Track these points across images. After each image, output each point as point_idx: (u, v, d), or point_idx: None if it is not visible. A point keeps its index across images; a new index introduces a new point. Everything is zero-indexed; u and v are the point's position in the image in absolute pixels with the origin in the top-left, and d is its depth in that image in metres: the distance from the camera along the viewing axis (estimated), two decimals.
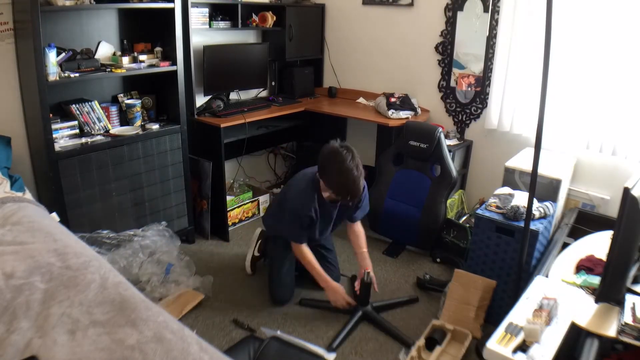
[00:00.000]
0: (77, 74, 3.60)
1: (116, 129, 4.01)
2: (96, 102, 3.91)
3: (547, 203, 3.67)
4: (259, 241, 4.33)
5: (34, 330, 1.93)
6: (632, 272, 2.51)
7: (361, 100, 5.54)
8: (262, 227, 4.28)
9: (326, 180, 3.50)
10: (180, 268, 3.95)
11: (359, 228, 3.98)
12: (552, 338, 2.24)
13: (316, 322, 3.70)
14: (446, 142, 4.57)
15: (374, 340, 3.52)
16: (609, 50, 3.91)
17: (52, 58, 3.41)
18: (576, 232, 3.62)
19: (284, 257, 3.92)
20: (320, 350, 3.28)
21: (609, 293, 2.44)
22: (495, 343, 2.22)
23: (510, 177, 4.07)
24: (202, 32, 4.76)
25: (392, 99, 4.92)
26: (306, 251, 3.74)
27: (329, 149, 3.48)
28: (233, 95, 5.31)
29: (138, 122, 4.13)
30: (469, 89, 4.84)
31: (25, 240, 2.56)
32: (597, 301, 2.49)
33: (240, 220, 5.17)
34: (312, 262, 3.73)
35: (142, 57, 4.01)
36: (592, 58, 4.02)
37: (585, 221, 3.79)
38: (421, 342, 3.33)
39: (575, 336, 2.46)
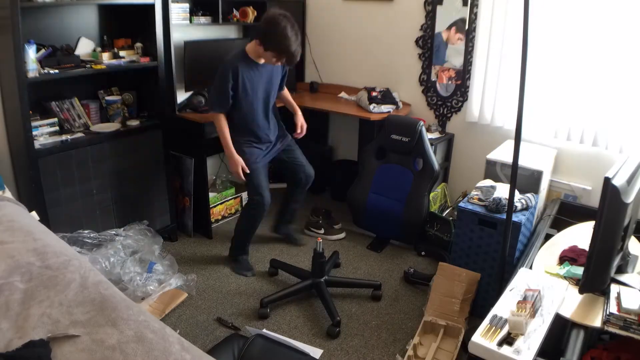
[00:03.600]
0: (56, 71, 3.56)
1: (96, 126, 3.98)
2: (76, 98, 3.88)
3: (529, 195, 3.68)
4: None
5: (14, 330, 1.90)
6: (616, 262, 2.51)
7: (343, 94, 5.53)
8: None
9: (270, 45, 3.76)
10: (162, 267, 3.91)
11: (286, 93, 4.46)
12: (538, 330, 2.24)
13: (300, 320, 3.69)
14: (428, 136, 4.58)
15: (359, 336, 3.52)
16: (588, 41, 3.94)
17: (32, 54, 3.37)
18: (559, 223, 3.63)
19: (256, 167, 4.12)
20: (305, 348, 3.27)
21: (593, 283, 2.45)
22: (480, 336, 2.22)
23: (492, 170, 4.08)
24: (183, 27, 4.71)
25: (374, 93, 4.92)
26: (222, 123, 3.95)
27: (270, 17, 3.76)
28: None
29: (119, 119, 4.09)
30: (450, 82, 4.85)
31: (4, 240, 2.53)
32: (581, 292, 2.51)
33: (223, 217, 5.15)
34: (224, 132, 3.96)
35: (122, 53, 3.97)
36: (572, 50, 4.04)
37: (567, 212, 3.80)
38: (416, 340, 3.33)
39: (561, 328, 2.47)
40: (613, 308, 2.30)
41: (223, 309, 3.77)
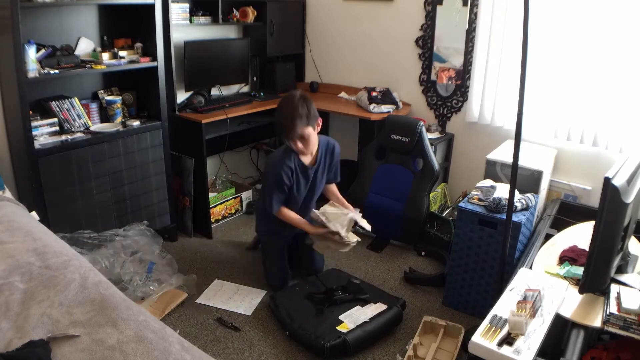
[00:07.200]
0: (56, 71, 3.56)
1: (96, 126, 3.97)
2: (76, 98, 3.87)
3: (529, 195, 3.67)
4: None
5: (14, 331, 1.91)
6: (616, 262, 2.51)
7: (343, 95, 5.53)
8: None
9: (276, 117, 3.70)
10: (162, 267, 3.92)
11: (334, 188, 4.13)
12: (538, 330, 2.24)
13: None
14: (428, 136, 4.58)
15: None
16: (588, 42, 3.93)
17: (32, 54, 3.37)
18: (559, 223, 3.63)
19: (279, 254, 4.06)
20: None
21: (593, 283, 2.45)
22: (480, 336, 2.21)
23: (492, 170, 4.08)
24: (183, 27, 4.71)
25: (374, 93, 4.92)
26: (287, 212, 3.82)
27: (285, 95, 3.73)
28: (214, 91, 5.27)
29: (118, 119, 4.09)
30: (450, 82, 4.84)
31: (4, 240, 2.53)
32: (581, 292, 2.50)
33: (224, 217, 5.15)
34: (294, 218, 3.82)
35: (122, 53, 3.97)
36: (571, 50, 4.04)
37: (567, 212, 3.80)
38: (416, 340, 3.32)
39: (561, 328, 2.47)
40: (613, 308, 2.29)
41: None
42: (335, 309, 3.56)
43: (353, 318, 3.45)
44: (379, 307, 3.56)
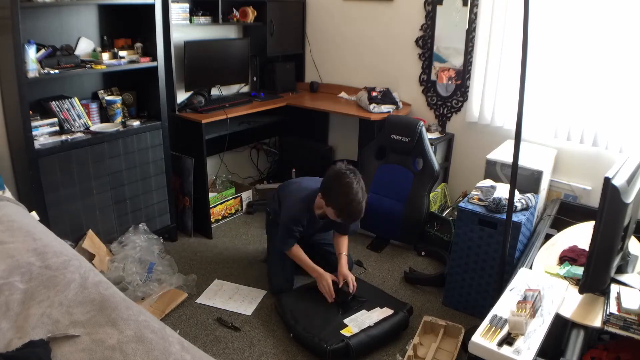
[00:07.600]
0: (56, 71, 3.56)
1: (96, 126, 3.97)
2: (76, 98, 3.87)
3: (529, 195, 3.67)
4: None
5: (14, 331, 1.91)
6: (616, 262, 2.51)
7: (343, 94, 5.53)
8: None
9: (330, 201, 3.52)
10: (162, 267, 3.92)
11: (339, 239, 4.01)
12: (538, 330, 2.24)
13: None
14: (428, 136, 4.58)
15: None
16: (588, 42, 3.93)
17: (32, 54, 3.37)
18: (559, 223, 3.63)
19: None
20: None
21: (593, 283, 2.44)
22: (480, 336, 2.21)
23: (492, 170, 4.08)
24: (183, 27, 4.72)
25: (374, 93, 4.92)
26: (295, 250, 3.84)
27: (336, 171, 3.52)
28: (214, 91, 5.27)
29: (118, 119, 4.08)
30: (450, 82, 4.84)
31: (4, 240, 2.53)
32: (581, 292, 2.50)
33: (224, 217, 5.14)
34: (301, 257, 3.84)
35: (122, 53, 3.97)
36: (571, 50, 4.03)
37: (567, 212, 3.80)
38: (416, 340, 3.32)
39: (561, 328, 2.47)
40: (613, 308, 2.29)
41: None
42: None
43: (358, 322, 3.44)
44: (385, 312, 3.55)
